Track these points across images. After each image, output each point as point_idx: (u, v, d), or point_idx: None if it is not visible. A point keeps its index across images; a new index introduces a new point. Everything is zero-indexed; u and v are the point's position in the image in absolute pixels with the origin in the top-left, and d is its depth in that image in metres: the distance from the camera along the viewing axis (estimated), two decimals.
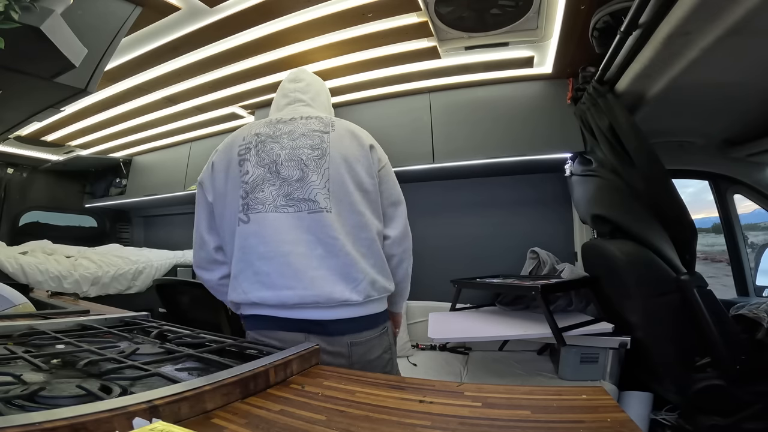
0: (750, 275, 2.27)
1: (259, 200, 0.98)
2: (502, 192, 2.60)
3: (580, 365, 1.71)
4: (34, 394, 0.49)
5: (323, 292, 0.93)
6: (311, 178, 0.98)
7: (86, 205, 3.91)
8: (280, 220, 0.96)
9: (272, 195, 0.98)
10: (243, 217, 0.98)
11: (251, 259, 0.96)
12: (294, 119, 1.07)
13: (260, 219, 0.97)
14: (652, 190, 1.62)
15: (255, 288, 0.96)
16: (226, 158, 1.05)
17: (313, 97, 1.17)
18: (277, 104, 1.20)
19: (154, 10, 1.56)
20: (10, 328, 0.85)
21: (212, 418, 0.51)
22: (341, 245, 0.96)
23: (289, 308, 0.95)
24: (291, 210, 0.97)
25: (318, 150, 1.01)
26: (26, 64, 1.22)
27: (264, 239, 0.96)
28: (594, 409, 0.54)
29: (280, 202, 0.97)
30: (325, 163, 0.99)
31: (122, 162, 3.66)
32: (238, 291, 0.99)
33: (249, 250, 0.97)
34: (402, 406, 0.57)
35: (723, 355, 1.52)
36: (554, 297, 1.86)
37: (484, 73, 2.23)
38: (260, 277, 0.95)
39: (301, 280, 0.94)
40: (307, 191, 0.97)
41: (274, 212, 0.96)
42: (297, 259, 0.94)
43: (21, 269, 2.43)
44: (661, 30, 1.22)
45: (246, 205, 0.98)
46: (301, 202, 0.97)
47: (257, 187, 0.98)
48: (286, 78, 1.22)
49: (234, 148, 1.04)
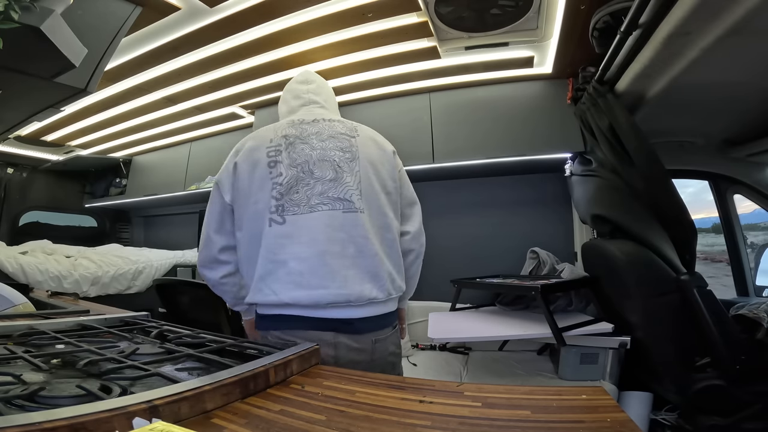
0: (750, 275, 2.27)
1: (295, 202, 0.99)
2: (502, 192, 2.60)
3: (580, 365, 1.71)
4: (34, 394, 0.49)
5: (354, 291, 0.96)
6: (346, 179, 1.01)
7: (86, 205, 3.91)
8: (315, 220, 0.98)
9: (306, 194, 0.99)
10: (277, 218, 0.98)
11: (284, 258, 0.96)
12: (317, 121, 1.09)
13: (296, 220, 0.98)
14: (652, 190, 1.62)
15: (287, 288, 0.95)
16: (252, 160, 1.03)
17: (326, 99, 1.19)
18: (288, 106, 1.20)
19: (154, 10, 1.56)
20: (10, 328, 0.85)
21: (212, 418, 0.51)
22: (371, 245, 0.99)
23: (321, 308, 0.96)
24: (325, 208, 0.98)
25: (348, 153, 1.04)
26: (26, 64, 1.22)
27: (300, 240, 0.96)
28: (594, 409, 0.54)
29: (315, 201, 0.99)
30: (356, 166, 1.03)
31: (122, 162, 3.66)
32: (265, 292, 0.97)
33: (282, 251, 0.97)
34: (402, 406, 0.57)
35: (723, 355, 1.52)
36: (554, 297, 1.86)
37: (484, 73, 2.23)
38: (294, 277, 0.95)
39: (335, 279, 0.95)
40: (341, 191, 1.00)
41: (308, 213, 0.98)
42: (332, 258, 0.96)
43: (21, 269, 2.43)
44: (661, 30, 1.22)
45: (281, 206, 0.98)
46: (336, 201, 0.99)
47: (292, 188, 0.99)
48: (296, 80, 1.23)
49: (261, 150, 1.04)
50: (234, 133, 3.10)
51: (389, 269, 1.03)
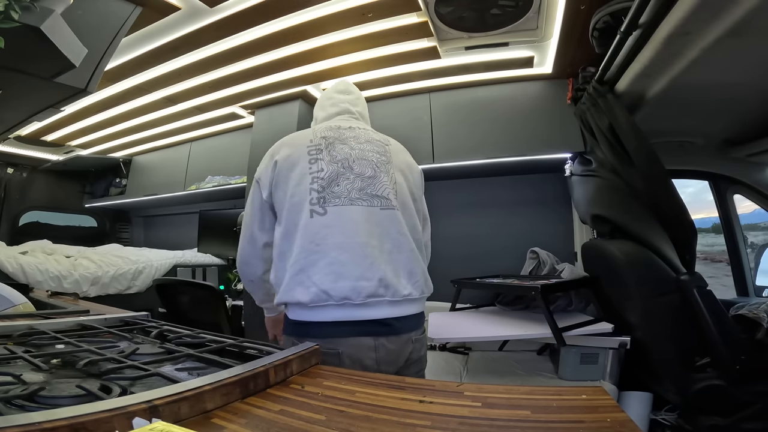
0: (750, 275, 2.27)
1: (336, 194, 1.01)
2: (502, 192, 2.60)
3: (579, 365, 1.71)
4: (34, 394, 0.49)
5: (392, 284, 0.98)
6: (382, 178, 1.06)
7: (86, 205, 3.91)
8: (356, 213, 1.00)
9: (347, 188, 1.02)
10: (319, 210, 1.00)
11: (326, 249, 0.98)
12: (353, 128, 1.14)
13: (338, 211, 1.00)
14: (652, 190, 1.62)
15: (329, 279, 0.96)
16: (294, 156, 1.07)
17: (361, 112, 1.25)
18: (326, 112, 1.23)
19: (154, 10, 1.56)
20: (10, 328, 0.84)
21: (212, 418, 0.51)
22: (407, 242, 1.04)
23: (358, 306, 0.96)
24: (365, 204, 1.02)
25: (384, 156, 1.10)
26: (26, 63, 1.22)
27: (342, 230, 0.98)
28: (594, 409, 0.54)
29: (355, 195, 1.02)
30: (391, 169, 1.09)
31: (122, 162, 3.66)
32: (306, 284, 0.97)
33: (324, 241, 0.98)
34: (402, 406, 0.57)
35: (723, 355, 1.52)
36: (554, 297, 1.86)
37: (484, 73, 2.23)
38: (336, 267, 0.96)
39: (376, 271, 0.97)
40: (379, 188, 1.04)
41: (350, 205, 1.01)
42: (371, 250, 0.99)
43: (21, 269, 2.43)
44: (661, 30, 1.22)
45: (323, 198, 1.01)
46: (374, 197, 1.03)
47: (333, 181, 1.02)
48: (335, 88, 1.28)
49: (302, 149, 1.07)
50: (234, 133, 3.11)
51: (423, 267, 1.07)
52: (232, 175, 2.93)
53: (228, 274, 3.07)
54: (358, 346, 0.93)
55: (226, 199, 3.17)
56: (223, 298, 1.99)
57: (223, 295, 2.06)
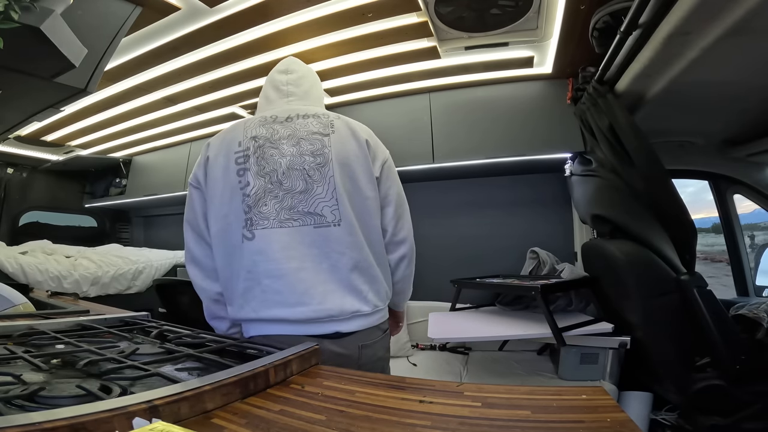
0: (750, 275, 2.27)
1: (263, 215, 0.93)
2: (501, 192, 2.60)
3: (579, 365, 1.71)
4: (34, 394, 0.49)
5: (335, 305, 0.93)
6: (316, 191, 0.95)
7: (86, 205, 3.91)
8: (286, 236, 0.93)
9: (275, 209, 0.94)
10: (247, 234, 0.93)
11: (259, 277, 0.92)
12: (290, 119, 1.01)
13: (265, 235, 0.93)
14: (652, 190, 1.62)
15: (266, 305, 0.93)
16: (222, 162, 0.98)
17: (306, 91, 1.10)
18: (267, 97, 1.11)
19: (154, 10, 1.56)
20: (10, 328, 0.84)
21: (212, 418, 0.51)
22: (347, 260, 0.95)
23: (303, 323, 0.93)
24: (296, 224, 0.93)
25: (320, 157, 0.97)
26: (26, 64, 1.22)
27: (271, 256, 0.92)
28: (594, 409, 0.53)
29: (284, 216, 0.93)
30: (329, 171, 0.96)
31: (122, 162, 3.66)
32: (246, 309, 0.94)
33: (255, 268, 0.93)
34: (402, 406, 0.57)
35: (723, 355, 1.52)
36: (554, 297, 1.86)
37: (484, 73, 2.23)
38: (270, 295, 0.92)
39: (314, 296, 0.92)
40: (312, 204, 0.94)
41: (278, 227, 0.93)
42: (306, 274, 0.92)
43: (21, 269, 2.43)
44: (661, 30, 1.22)
45: (249, 220, 0.93)
46: (306, 215, 0.94)
47: (260, 200, 0.94)
48: (277, 69, 1.14)
49: (230, 154, 0.98)
50: None
51: (372, 280, 0.98)
52: None
53: None
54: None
55: None
56: None
57: None
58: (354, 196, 0.97)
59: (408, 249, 1.09)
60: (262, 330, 0.96)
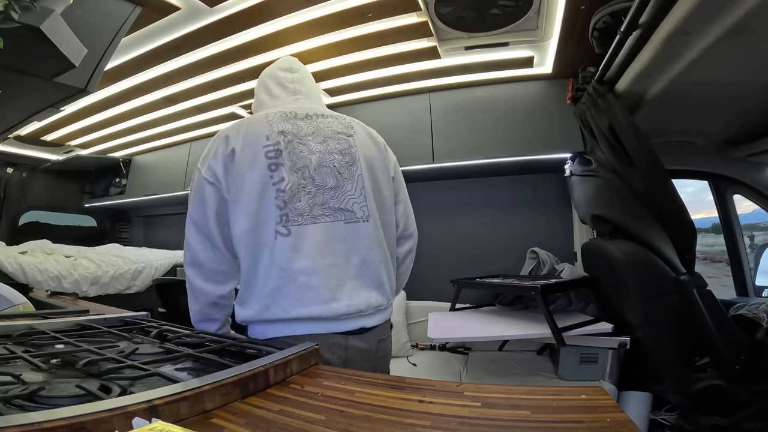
0: (749, 275, 2.27)
1: (298, 211, 0.93)
2: (501, 192, 2.61)
3: (579, 365, 1.71)
4: (34, 394, 0.49)
5: (362, 300, 0.95)
6: (346, 188, 0.97)
7: (86, 204, 3.91)
8: (320, 231, 0.93)
9: (308, 204, 0.94)
10: (282, 230, 0.91)
11: (294, 274, 0.91)
12: (310, 116, 1.02)
13: (300, 231, 0.92)
14: (652, 190, 1.62)
15: (301, 303, 0.91)
16: (251, 155, 0.94)
17: (309, 90, 1.11)
18: (270, 93, 1.09)
19: (154, 10, 1.56)
20: (9, 328, 0.84)
21: (212, 418, 0.51)
22: (375, 254, 0.98)
23: (334, 320, 0.93)
24: (328, 219, 0.94)
25: (348, 156, 1.00)
26: (26, 63, 1.22)
27: (307, 253, 0.91)
28: (593, 409, 0.53)
29: (317, 212, 0.94)
30: (357, 170, 0.99)
31: (122, 162, 3.66)
32: (274, 309, 0.91)
33: (290, 265, 0.91)
34: (401, 406, 0.57)
35: (722, 355, 1.52)
36: (554, 297, 1.86)
37: (484, 73, 2.23)
38: (306, 292, 0.91)
39: (344, 291, 0.93)
40: (342, 200, 0.96)
41: (312, 223, 0.93)
42: (338, 270, 0.93)
43: (20, 269, 2.43)
44: (661, 30, 1.22)
45: (285, 216, 0.92)
46: (337, 211, 0.95)
47: (294, 195, 0.93)
48: (278, 66, 1.12)
49: (259, 147, 0.94)
50: None
51: (390, 274, 1.04)
52: None
53: None
54: (328, 343, 0.89)
55: None
56: None
57: None
58: (377, 194, 1.02)
59: (414, 241, 1.17)
60: (289, 330, 0.92)
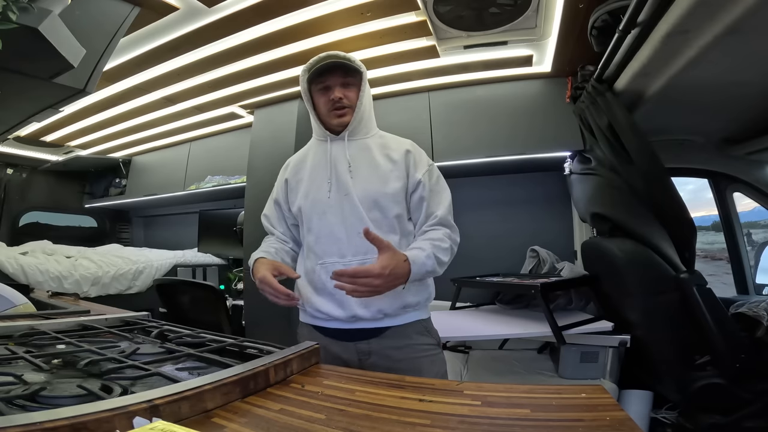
0: (750, 273, 2.27)
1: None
2: (501, 191, 2.60)
3: (579, 364, 1.71)
4: (35, 394, 0.49)
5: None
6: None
7: (86, 205, 3.91)
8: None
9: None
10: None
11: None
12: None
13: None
14: (652, 188, 1.62)
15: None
16: None
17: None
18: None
19: (152, 10, 1.56)
20: (10, 329, 0.85)
21: (212, 418, 0.51)
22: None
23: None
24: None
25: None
26: (25, 64, 1.22)
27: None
28: (593, 408, 0.54)
29: None
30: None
31: (122, 162, 3.66)
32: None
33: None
34: (402, 404, 0.57)
35: (723, 354, 1.52)
36: (554, 295, 1.86)
37: (483, 72, 2.23)
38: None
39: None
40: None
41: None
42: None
43: (21, 270, 2.44)
44: (660, 28, 1.22)
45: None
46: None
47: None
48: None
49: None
50: (233, 133, 3.10)
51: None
52: (231, 175, 2.93)
53: (228, 273, 3.07)
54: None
55: (226, 199, 3.17)
56: (223, 297, 1.99)
57: (223, 294, 2.06)
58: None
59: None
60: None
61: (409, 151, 1.13)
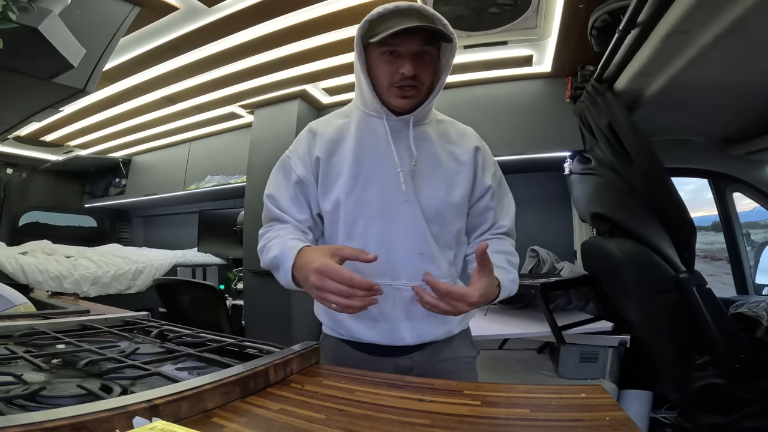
0: (749, 273, 2.27)
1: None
2: None
3: (579, 364, 1.71)
4: (35, 394, 0.49)
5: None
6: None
7: (86, 205, 3.91)
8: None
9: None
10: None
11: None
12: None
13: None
14: (651, 188, 1.62)
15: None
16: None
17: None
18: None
19: (152, 10, 1.56)
20: (10, 328, 0.85)
21: (212, 417, 0.51)
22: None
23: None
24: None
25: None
26: (25, 64, 1.22)
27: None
28: (593, 408, 0.54)
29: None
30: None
31: (121, 162, 3.66)
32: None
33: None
34: (401, 404, 0.57)
35: (722, 354, 1.52)
36: (554, 295, 1.86)
37: (483, 72, 2.23)
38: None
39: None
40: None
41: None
42: None
43: (21, 269, 2.44)
44: (660, 28, 1.22)
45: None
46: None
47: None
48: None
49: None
50: (233, 133, 3.11)
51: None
52: (231, 175, 2.93)
53: (228, 273, 3.08)
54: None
55: (226, 199, 3.17)
56: (223, 297, 1.99)
57: (223, 294, 2.06)
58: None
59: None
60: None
61: (478, 148, 0.94)
